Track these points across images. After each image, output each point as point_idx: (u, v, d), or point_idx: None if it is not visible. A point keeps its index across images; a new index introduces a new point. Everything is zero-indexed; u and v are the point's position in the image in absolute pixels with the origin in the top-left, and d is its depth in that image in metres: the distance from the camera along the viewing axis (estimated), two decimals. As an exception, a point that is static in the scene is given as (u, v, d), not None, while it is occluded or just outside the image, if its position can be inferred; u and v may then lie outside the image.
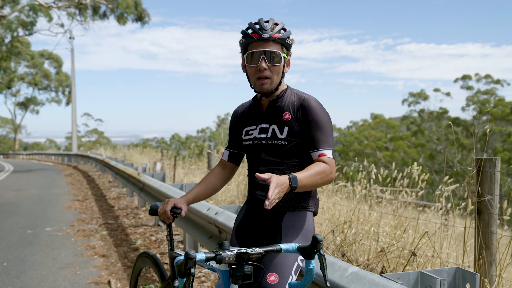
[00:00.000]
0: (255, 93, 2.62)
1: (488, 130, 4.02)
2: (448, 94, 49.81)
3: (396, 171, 5.27)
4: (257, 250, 2.00)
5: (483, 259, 3.44)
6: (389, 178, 5.36)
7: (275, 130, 2.52)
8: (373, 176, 5.28)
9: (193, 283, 1.85)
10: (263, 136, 2.55)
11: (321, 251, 2.00)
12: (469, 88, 47.72)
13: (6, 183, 17.95)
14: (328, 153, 2.40)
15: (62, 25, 34.58)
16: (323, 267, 2.01)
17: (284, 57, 2.49)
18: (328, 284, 1.98)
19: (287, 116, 2.50)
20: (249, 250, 1.98)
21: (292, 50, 2.58)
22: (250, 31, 2.46)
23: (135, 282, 3.25)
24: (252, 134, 2.61)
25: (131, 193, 12.25)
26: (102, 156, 21.49)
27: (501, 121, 41.03)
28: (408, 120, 53.77)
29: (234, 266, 1.97)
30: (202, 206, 4.57)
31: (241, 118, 2.72)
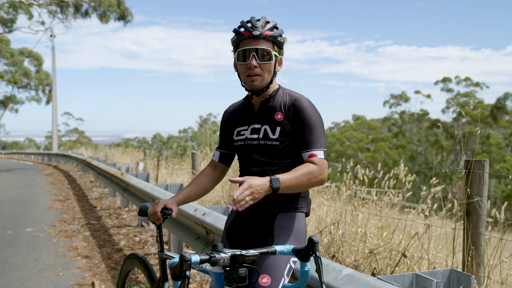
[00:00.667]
0: (247, 93, 2.59)
1: (479, 131, 4.04)
2: (428, 96, 50.32)
3: (382, 172, 5.27)
4: (252, 252, 1.97)
5: (472, 260, 3.45)
6: (376, 179, 5.36)
7: (267, 130, 2.49)
8: (360, 177, 5.28)
9: (188, 286, 1.80)
10: (255, 136, 2.52)
11: (317, 253, 1.97)
12: (449, 90, 48.27)
13: (-16, 183, 17.64)
14: (318, 154, 2.37)
15: (43, 23, 34.13)
16: (319, 269, 1.98)
17: (275, 55, 2.46)
18: (324, 287, 1.95)
19: (279, 116, 2.47)
20: (244, 252, 1.94)
21: (285, 49, 2.56)
22: (242, 29, 2.44)
23: (122, 284, 3.19)
24: (243, 134, 2.58)
25: (113, 193, 12.11)
26: (83, 155, 21.24)
27: (481, 123, 41.58)
28: (389, 122, 54.25)
29: (228, 268, 1.94)
30: (189, 207, 4.51)
31: (232, 118, 2.68)
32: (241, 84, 2.54)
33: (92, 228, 8.34)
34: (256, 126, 2.53)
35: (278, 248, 2.05)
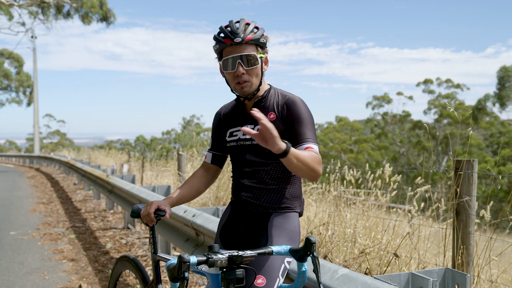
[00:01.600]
0: (234, 94, 2.58)
1: (470, 133, 4.08)
2: (410, 97, 50.79)
3: (369, 173, 5.30)
4: (250, 252, 1.96)
5: (461, 259, 3.48)
6: (360, 180, 5.39)
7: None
8: (347, 178, 5.30)
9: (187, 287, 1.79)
10: (248, 137, 2.51)
11: (315, 253, 1.97)
12: (430, 92, 48.79)
13: (-35, 186, 17.37)
14: (314, 147, 2.34)
15: (23, 24, 33.70)
16: (316, 270, 1.98)
17: (261, 57, 2.45)
18: (322, 287, 1.95)
19: (271, 116, 2.46)
20: (241, 253, 1.93)
21: (268, 50, 2.54)
22: (222, 35, 2.41)
23: (113, 286, 3.16)
24: (236, 135, 2.57)
25: (98, 195, 12.00)
26: (66, 158, 21.02)
27: (461, 124, 42.08)
28: (372, 123, 54.63)
29: (226, 269, 1.92)
30: (178, 209, 4.49)
31: (224, 120, 2.67)
32: (231, 90, 2.53)
33: (78, 231, 8.25)
34: (249, 126, 2.52)
35: (275, 248, 2.05)
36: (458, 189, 3.51)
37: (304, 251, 1.98)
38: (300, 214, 2.63)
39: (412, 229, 4.32)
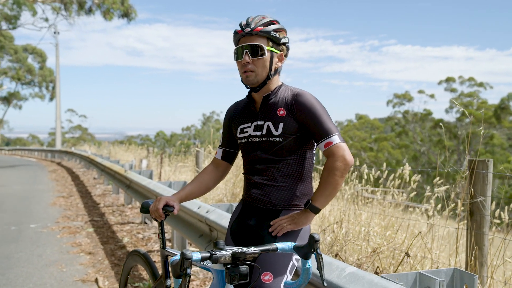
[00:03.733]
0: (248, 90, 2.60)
1: (483, 132, 4.03)
2: (432, 96, 50.27)
3: (386, 172, 5.27)
4: (253, 249, 1.97)
5: (475, 260, 3.45)
6: (380, 179, 5.36)
7: (270, 126, 2.49)
8: (365, 176, 5.28)
9: (189, 284, 1.81)
10: (258, 133, 2.52)
11: (318, 251, 1.98)
12: (452, 90, 48.22)
13: (-12, 179, 17.71)
14: (333, 140, 2.36)
15: (46, 20, 34.14)
16: (320, 267, 1.99)
17: (271, 51, 2.46)
18: (325, 284, 1.96)
19: (281, 112, 2.47)
20: (245, 250, 1.94)
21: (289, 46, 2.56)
22: (238, 28, 2.49)
23: (125, 281, 3.21)
24: (247, 132, 2.58)
25: (117, 190, 12.13)
26: (87, 152, 21.28)
27: (484, 124, 41.47)
28: (393, 121, 54.17)
29: (230, 265, 1.94)
30: (192, 204, 4.52)
31: (235, 116, 2.69)
32: (241, 81, 2.55)
33: (96, 224, 8.36)
34: (259, 123, 2.53)
35: (280, 245, 2.06)
36: (472, 189, 3.48)
37: (308, 248, 1.99)
38: (312, 212, 2.63)
39: (426, 228, 4.29)
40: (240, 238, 2.59)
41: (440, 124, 40.76)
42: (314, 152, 2.58)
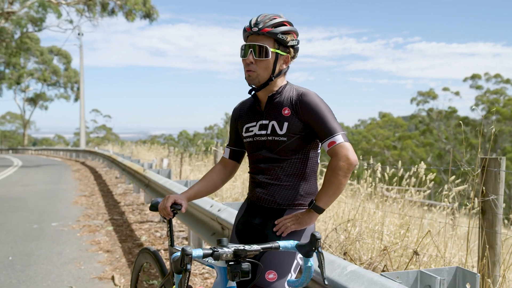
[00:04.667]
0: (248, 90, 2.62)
1: (494, 130, 3.97)
2: (457, 93, 49.58)
3: (402, 169, 5.24)
4: (255, 247, 1.99)
5: (487, 259, 3.41)
6: (396, 177, 5.33)
7: (274, 126, 2.50)
8: (378, 175, 5.25)
9: (188, 279, 1.84)
10: (263, 132, 2.53)
11: (319, 249, 1.98)
12: (478, 87, 47.51)
13: (14, 178, 18.07)
14: (337, 139, 2.36)
15: (71, 21, 34.75)
16: (321, 265, 2.00)
17: (277, 53, 2.45)
18: (326, 282, 1.96)
19: (286, 111, 2.48)
20: (247, 247, 1.97)
21: (300, 48, 2.56)
22: (247, 26, 2.48)
23: (136, 278, 3.25)
24: (252, 131, 2.59)
25: (137, 189, 12.27)
26: (109, 152, 21.57)
27: (511, 121, 40.75)
28: (417, 119, 53.56)
29: (232, 263, 1.96)
30: (205, 203, 4.56)
31: (241, 116, 2.71)
32: (244, 78, 2.56)
33: (115, 223, 8.48)
34: (264, 122, 2.54)
35: (282, 243, 2.07)
36: (484, 188, 3.44)
37: (310, 246, 2.00)
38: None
39: (439, 226, 4.25)
40: (245, 237, 2.61)
41: (460, 122, 40.13)
42: (319, 151, 2.58)
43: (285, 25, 2.46)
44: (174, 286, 2.63)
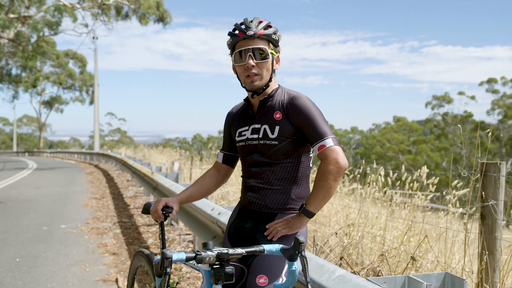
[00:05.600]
0: (247, 93, 2.61)
1: None
2: (473, 97, 49.17)
3: (405, 174, 5.20)
4: (239, 250, 1.99)
5: (486, 265, 3.37)
6: (398, 181, 5.29)
7: (266, 130, 2.50)
8: (382, 179, 5.22)
9: (168, 282, 1.85)
10: (255, 136, 2.54)
11: (303, 253, 1.98)
12: (494, 91, 47.08)
13: (28, 180, 18.28)
14: (327, 143, 2.36)
15: (86, 25, 34.98)
16: (304, 269, 1.99)
17: (272, 53, 2.48)
18: (309, 286, 1.96)
19: (278, 115, 2.48)
20: (230, 251, 1.97)
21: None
22: (236, 31, 2.46)
23: (132, 280, 3.27)
24: (245, 135, 2.60)
25: (147, 192, 12.32)
26: (121, 155, 21.70)
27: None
28: (432, 123, 53.18)
29: (216, 266, 1.96)
30: (206, 206, 4.57)
31: (234, 120, 2.71)
32: (241, 85, 2.56)
33: (123, 226, 8.52)
34: (256, 126, 2.55)
35: (266, 247, 2.07)
36: (483, 193, 3.40)
37: (293, 250, 2.00)
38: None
39: (440, 231, 4.21)
40: (237, 241, 2.61)
41: (483, 125, 39.76)
42: (311, 155, 2.58)
43: (271, 26, 2.49)
44: None
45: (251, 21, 2.45)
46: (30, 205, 11.25)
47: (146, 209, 2.75)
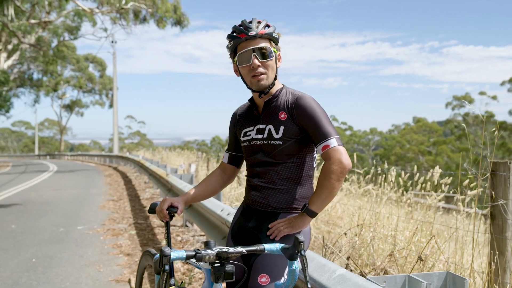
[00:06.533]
0: (252, 94, 2.61)
1: None
2: (494, 97, 48.58)
3: (417, 174, 5.16)
4: (239, 249, 2.00)
5: (496, 265, 3.33)
6: (410, 182, 5.25)
7: (271, 130, 2.50)
8: (392, 179, 5.19)
9: (167, 280, 1.86)
10: (260, 136, 2.55)
11: (303, 252, 1.98)
12: (516, 91, 46.38)
13: (47, 183, 18.53)
14: (331, 143, 2.35)
15: (105, 30, 35.50)
16: (304, 268, 1.99)
17: (274, 52, 2.49)
18: (309, 285, 1.96)
19: (282, 115, 2.49)
20: (230, 249, 1.98)
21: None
22: (235, 33, 2.46)
23: (140, 280, 3.30)
24: (250, 135, 2.61)
25: (164, 194, 12.41)
26: (138, 157, 21.88)
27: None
28: (452, 124, 52.63)
29: (217, 264, 1.98)
30: (217, 207, 4.60)
31: (239, 120, 2.72)
32: (247, 87, 2.56)
33: (139, 227, 8.60)
34: (261, 126, 2.55)
35: (267, 246, 2.07)
36: (493, 192, 3.36)
37: (293, 250, 2.00)
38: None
39: (451, 232, 4.17)
40: (240, 240, 2.62)
41: (505, 125, 39.20)
42: (315, 155, 2.58)
43: (269, 25, 2.50)
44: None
45: (250, 22, 2.45)
46: (49, 207, 11.41)
47: (152, 209, 2.78)
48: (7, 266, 6.02)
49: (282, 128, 2.47)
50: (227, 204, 8.53)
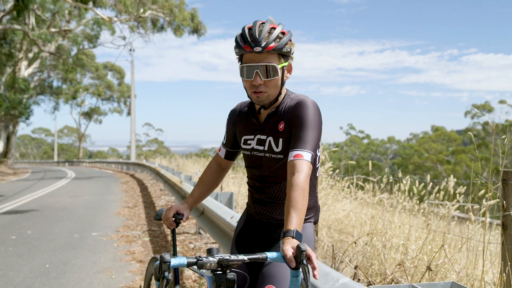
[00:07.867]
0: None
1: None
2: (514, 106, 47.89)
3: (430, 184, 5.11)
4: (241, 257, 1.99)
5: (508, 277, 3.27)
6: (424, 191, 5.20)
7: (271, 142, 2.42)
8: (406, 188, 5.14)
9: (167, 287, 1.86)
10: (261, 148, 2.47)
11: (304, 261, 1.96)
12: (537, 99, 45.76)
13: (65, 189, 18.72)
14: (304, 155, 2.22)
15: (124, 38, 36.01)
16: (305, 278, 1.97)
17: (283, 67, 2.32)
18: (311, 294, 1.94)
19: (281, 126, 2.39)
20: (232, 257, 1.97)
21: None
22: (242, 40, 2.31)
23: (148, 287, 3.30)
24: (250, 144, 2.52)
25: (178, 201, 12.45)
26: (155, 164, 22.01)
27: None
28: (471, 133, 51.97)
29: (218, 272, 1.97)
30: (226, 214, 4.60)
31: (238, 122, 2.61)
32: (248, 96, 2.45)
33: (153, 234, 8.63)
34: (262, 137, 2.47)
35: (269, 254, 2.06)
36: (504, 202, 3.31)
37: (295, 259, 1.98)
38: (315, 222, 2.60)
39: (461, 242, 4.11)
40: (245, 249, 2.58)
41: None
42: (317, 166, 2.51)
43: (283, 33, 2.32)
44: None
45: (261, 30, 2.27)
46: (65, 213, 11.51)
47: (159, 216, 2.79)
48: (21, 271, 6.09)
49: (281, 140, 2.39)
50: (239, 211, 8.52)
